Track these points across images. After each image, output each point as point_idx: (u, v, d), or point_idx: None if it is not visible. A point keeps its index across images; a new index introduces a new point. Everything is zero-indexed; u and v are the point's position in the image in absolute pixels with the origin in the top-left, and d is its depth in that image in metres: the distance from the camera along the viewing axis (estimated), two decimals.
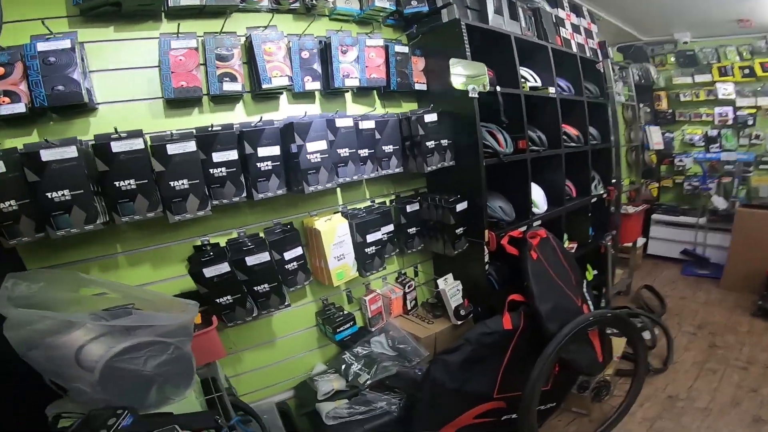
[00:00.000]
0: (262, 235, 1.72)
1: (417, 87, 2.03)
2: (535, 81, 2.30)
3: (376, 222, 1.88)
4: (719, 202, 4.02)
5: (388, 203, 2.13)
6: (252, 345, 1.89)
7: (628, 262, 3.66)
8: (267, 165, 1.51)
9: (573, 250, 2.80)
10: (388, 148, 1.88)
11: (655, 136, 4.34)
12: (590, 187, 2.84)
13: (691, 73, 4.27)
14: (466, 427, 1.76)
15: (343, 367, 1.97)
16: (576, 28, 2.90)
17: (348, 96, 1.96)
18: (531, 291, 1.78)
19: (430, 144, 1.89)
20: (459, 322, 2.08)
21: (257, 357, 1.92)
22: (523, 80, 2.23)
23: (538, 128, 2.39)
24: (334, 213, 1.92)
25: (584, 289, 2.21)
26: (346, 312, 1.97)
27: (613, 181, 3.11)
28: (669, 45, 4.35)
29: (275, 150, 1.53)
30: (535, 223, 2.31)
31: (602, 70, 3.00)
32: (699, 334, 2.87)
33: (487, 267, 2.06)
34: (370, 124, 1.81)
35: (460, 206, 1.98)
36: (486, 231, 1.98)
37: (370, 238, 1.85)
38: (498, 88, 1.98)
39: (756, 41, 3.90)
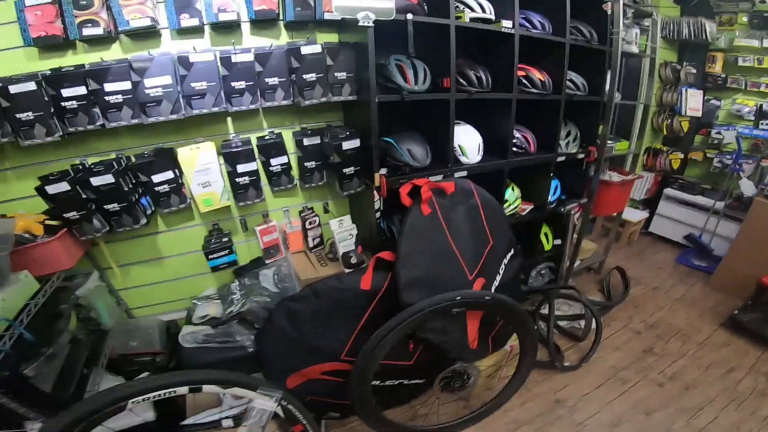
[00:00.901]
0: (133, 159, 1.74)
1: (327, 17, 1.79)
2: (484, 11, 1.92)
3: (247, 153, 1.78)
4: (747, 188, 3.40)
5: (291, 134, 1.99)
6: (136, 261, 1.97)
7: (611, 235, 3.30)
8: (117, 98, 1.58)
9: (525, 212, 2.54)
10: (273, 81, 1.75)
11: (692, 101, 3.64)
12: (557, 142, 2.47)
13: (761, 36, 3.42)
14: (314, 380, 1.73)
15: (226, 295, 2.01)
16: None
17: (246, 28, 1.81)
18: (398, 250, 1.63)
19: (309, 77, 1.74)
20: (347, 270, 1.99)
21: (146, 274, 2.02)
22: (462, 8, 1.87)
23: (490, 67, 2.06)
24: (224, 140, 1.86)
25: (504, 261, 2.01)
26: (225, 239, 1.94)
27: (598, 141, 2.67)
28: (745, 3, 3.47)
29: (125, 85, 1.57)
30: (459, 174, 2.06)
31: (610, 12, 2.44)
32: (644, 334, 2.56)
33: (378, 214, 1.90)
34: (247, 57, 1.69)
35: (349, 144, 1.81)
36: (377, 174, 1.79)
37: (241, 168, 1.78)
38: (409, 16, 1.67)
39: None
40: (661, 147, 3.92)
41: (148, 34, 1.66)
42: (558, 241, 2.85)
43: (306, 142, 1.92)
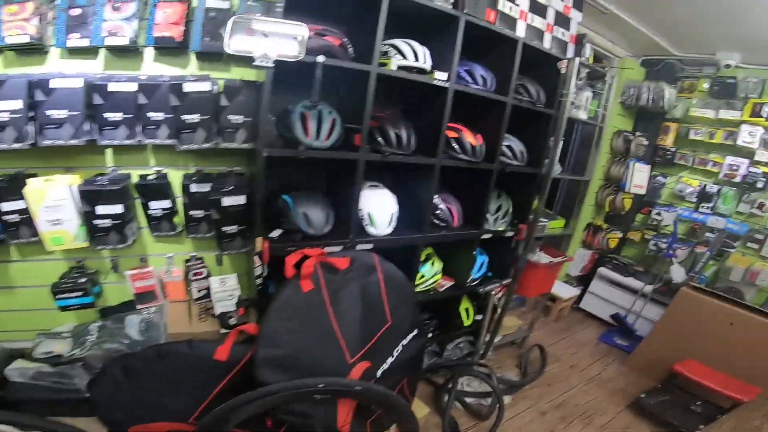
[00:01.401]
0: None
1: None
2: (417, 59, 1.76)
3: (113, 194, 1.56)
4: (678, 274, 3.41)
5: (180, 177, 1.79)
6: None
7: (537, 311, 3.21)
8: None
9: (443, 288, 2.40)
10: (157, 116, 1.57)
11: (638, 176, 3.65)
12: (484, 218, 2.34)
13: (717, 106, 3.39)
14: None
15: (81, 334, 1.78)
16: (539, 9, 2.21)
17: (150, 54, 1.64)
18: (261, 327, 1.45)
19: (190, 118, 1.55)
20: (224, 331, 1.79)
21: None
22: (393, 54, 1.74)
23: (419, 124, 1.93)
24: (100, 174, 1.65)
25: (403, 342, 1.85)
26: (83, 280, 1.71)
27: (531, 217, 2.56)
28: (710, 68, 3.47)
29: None
30: (363, 246, 1.90)
31: (563, 71, 2.30)
32: (549, 414, 2.47)
33: (260, 280, 1.71)
34: (129, 87, 1.52)
35: (231, 200, 1.64)
36: (258, 239, 1.61)
37: (101, 210, 1.56)
38: (320, 58, 1.50)
39: None
40: (601, 224, 3.89)
41: (35, 51, 1.48)
42: (479, 317, 2.74)
43: (193, 188, 1.72)
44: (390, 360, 1.78)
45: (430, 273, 2.32)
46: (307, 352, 1.51)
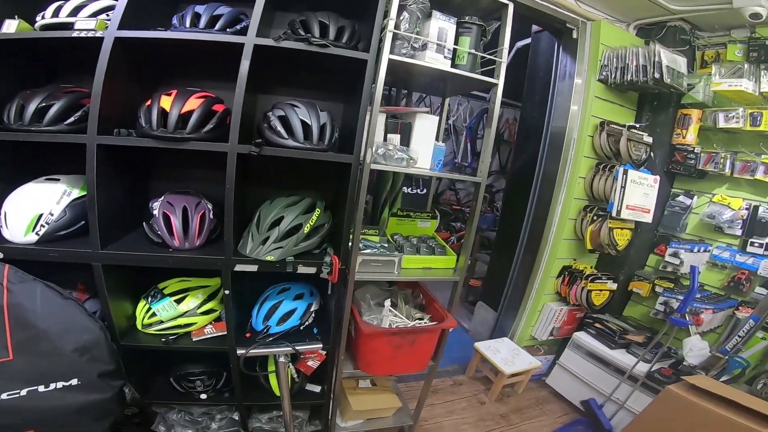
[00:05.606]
0: None
1: None
2: (56, 15, 1.30)
3: None
4: (694, 351, 2.04)
5: None
6: None
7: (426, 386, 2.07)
8: None
9: (199, 339, 1.63)
10: None
11: (635, 193, 2.37)
12: (234, 237, 1.47)
13: (756, 73, 2.06)
14: None
15: None
16: None
17: None
18: None
19: None
20: None
21: None
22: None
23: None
24: None
25: (35, 387, 1.22)
26: None
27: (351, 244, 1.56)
28: (740, 30, 2.23)
29: None
30: None
31: None
32: None
33: None
34: None
35: None
36: None
37: None
38: None
39: None
40: (585, 268, 2.57)
41: None
42: (316, 388, 1.89)
43: None
44: None
45: (171, 313, 1.59)
46: None
